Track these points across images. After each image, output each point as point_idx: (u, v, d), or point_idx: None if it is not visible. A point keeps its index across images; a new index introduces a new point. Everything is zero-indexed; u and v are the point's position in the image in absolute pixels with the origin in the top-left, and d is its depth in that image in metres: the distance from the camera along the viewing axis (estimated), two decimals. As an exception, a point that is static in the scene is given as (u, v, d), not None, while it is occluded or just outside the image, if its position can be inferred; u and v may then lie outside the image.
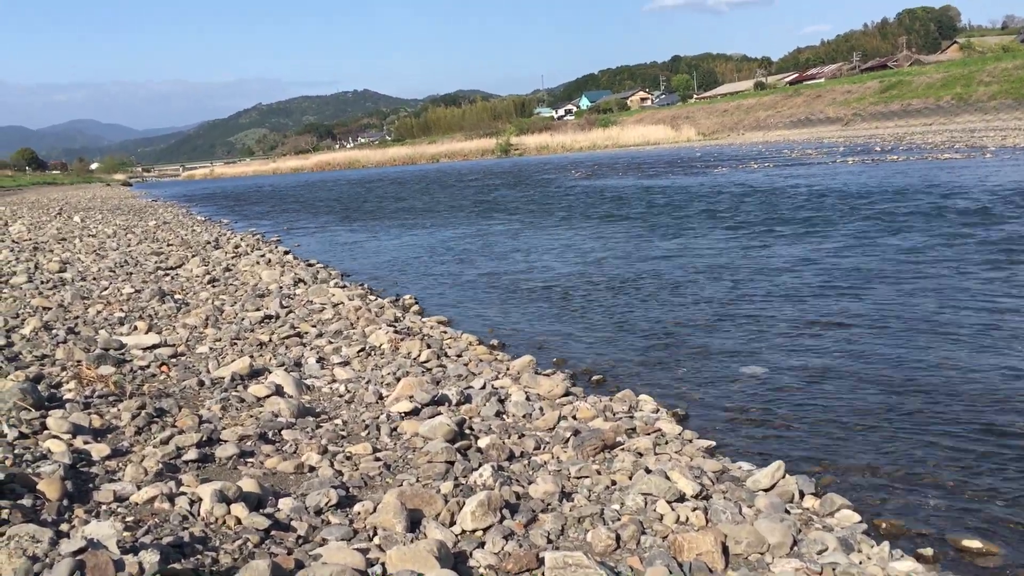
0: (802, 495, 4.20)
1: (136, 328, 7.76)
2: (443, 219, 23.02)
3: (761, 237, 14.23)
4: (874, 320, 7.92)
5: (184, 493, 3.70)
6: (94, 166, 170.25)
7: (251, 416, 5.13)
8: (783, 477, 4.24)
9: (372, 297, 10.39)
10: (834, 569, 3.25)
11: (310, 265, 13.84)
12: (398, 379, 6.12)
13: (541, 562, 3.26)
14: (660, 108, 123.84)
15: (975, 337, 7.04)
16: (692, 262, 12.20)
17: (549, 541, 3.56)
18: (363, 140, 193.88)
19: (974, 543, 3.78)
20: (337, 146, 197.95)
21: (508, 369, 6.74)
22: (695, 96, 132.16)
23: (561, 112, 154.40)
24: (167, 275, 11.65)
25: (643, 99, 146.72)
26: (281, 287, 10.50)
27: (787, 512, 3.94)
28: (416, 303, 10.35)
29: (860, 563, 3.42)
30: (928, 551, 3.72)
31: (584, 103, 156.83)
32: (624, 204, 22.95)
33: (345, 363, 6.71)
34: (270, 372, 6.12)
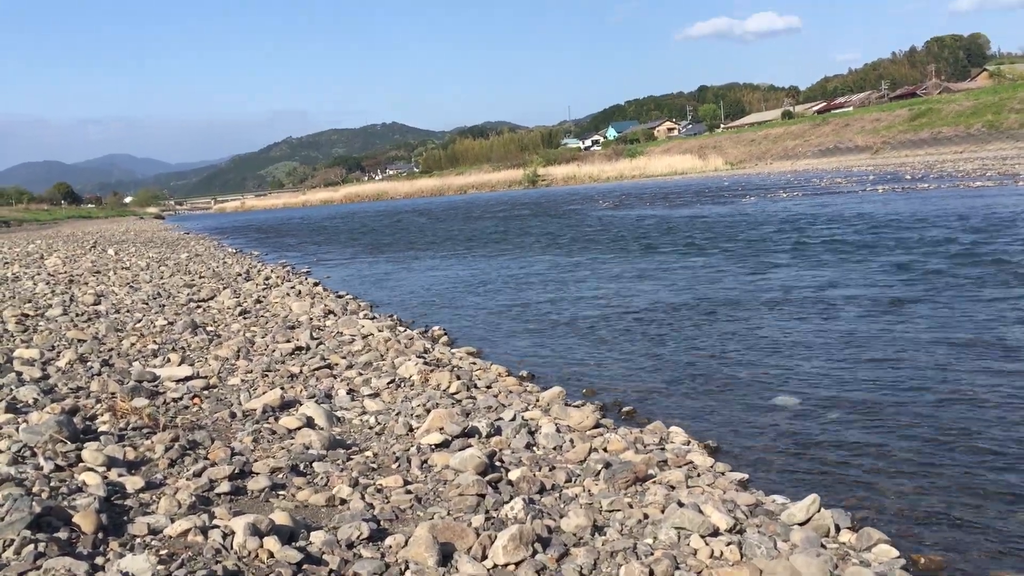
0: (838, 529, 4.13)
1: (169, 360, 7.84)
2: (470, 250, 23.12)
3: (790, 266, 14.13)
4: (910, 351, 7.80)
5: (217, 526, 3.71)
6: (128, 200, 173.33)
7: (282, 448, 5.14)
8: (818, 511, 4.18)
9: (401, 328, 10.42)
10: (873, 606, 3.19)
11: (340, 296, 13.93)
12: (428, 411, 6.10)
13: (574, 597, 3.23)
14: (687, 138, 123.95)
15: (1017, 368, 6.92)
16: (720, 292, 12.13)
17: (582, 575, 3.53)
18: (391, 172, 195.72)
19: (1017, 580, 3.69)
20: (366, 178, 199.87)
21: (538, 400, 6.71)
22: (722, 126, 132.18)
23: (588, 143, 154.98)
24: (199, 307, 11.78)
25: (670, 129, 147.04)
26: (311, 319, 10.57)
27: (823, 547, 3.88)
28: (445, 334, 10.37)
29: (900, 600, 3.35)
30: (969, 588, 3.64)
31: (611, 133, 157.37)
32: (651, 234, 22.93)
33: (375, 395, 6.72)
34: (301, 404, 6.14)
